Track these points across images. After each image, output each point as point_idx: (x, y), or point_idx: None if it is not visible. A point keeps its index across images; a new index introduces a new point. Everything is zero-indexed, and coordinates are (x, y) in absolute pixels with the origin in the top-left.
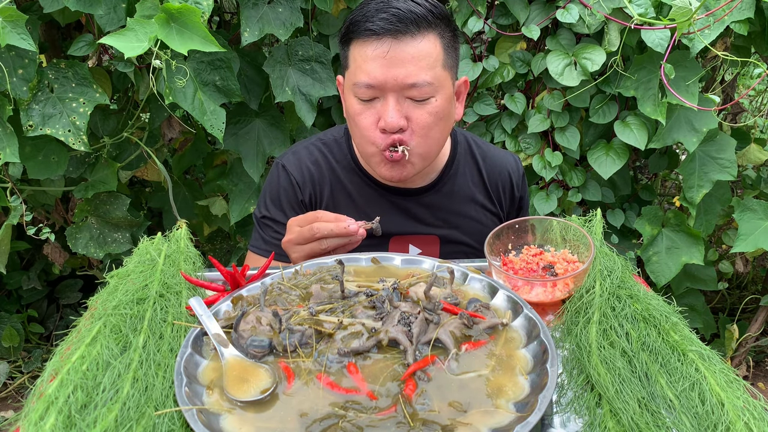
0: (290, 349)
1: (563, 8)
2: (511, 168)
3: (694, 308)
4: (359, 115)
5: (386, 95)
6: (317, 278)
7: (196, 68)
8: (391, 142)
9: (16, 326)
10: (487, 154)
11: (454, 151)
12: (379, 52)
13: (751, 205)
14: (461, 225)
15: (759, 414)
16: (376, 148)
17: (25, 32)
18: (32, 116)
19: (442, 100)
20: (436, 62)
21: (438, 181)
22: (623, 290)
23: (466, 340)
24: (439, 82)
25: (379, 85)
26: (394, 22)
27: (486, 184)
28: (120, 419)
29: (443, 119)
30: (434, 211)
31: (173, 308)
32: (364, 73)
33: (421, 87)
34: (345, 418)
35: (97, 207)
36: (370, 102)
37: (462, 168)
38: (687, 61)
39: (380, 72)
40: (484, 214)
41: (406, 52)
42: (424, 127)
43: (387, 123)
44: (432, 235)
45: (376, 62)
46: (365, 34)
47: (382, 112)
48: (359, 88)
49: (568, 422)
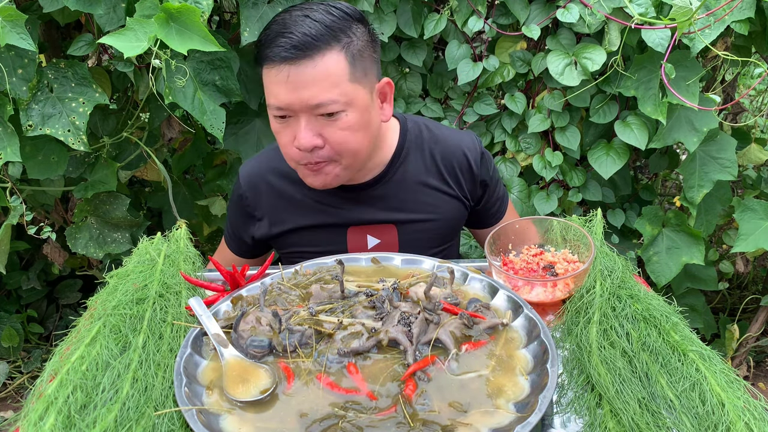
0: (290, 349)
1: (563, 8)
2: (467, 147)
3: (695, 308)
4: (278, 133)
5: (298, 115)
6: (317, 278)
7: (195, 68)
8: (308, 162)
9: (16, 326)
10: (440, 137)
11: (402, 140)
12: (280, 77)
13: (751, 205)
14: (416, 210)
15: (759, 414)
16: (296, 163)
17: (24, 32)
18: (32, 116)
19: (355, 112)
20: (340, 79)
21: (386, 171)
22: (623, 290)
23: (466, 340)
24: (348, 97)
25: (286, 107)
26: (289, 49)
27: (439, 167)
28: (120, 419)
29: (360, 130)
30: (387, 200)
31: (173, 308)
32: (273, 96)
33: (328, 105)
34: (345, 418)
35: (97, 207)
36: (285, 120)
37: (412, 154)
38: (687, 60)
39: (285, 96)
40: (440, 197)
41: (307, 74)
42: (340, 142)
43: (300, 143)
44: (388, 223)
45: (280, 86)
46: (266, 61)
47: (296, 131)
48: (272, 109)
49: (569, 422)
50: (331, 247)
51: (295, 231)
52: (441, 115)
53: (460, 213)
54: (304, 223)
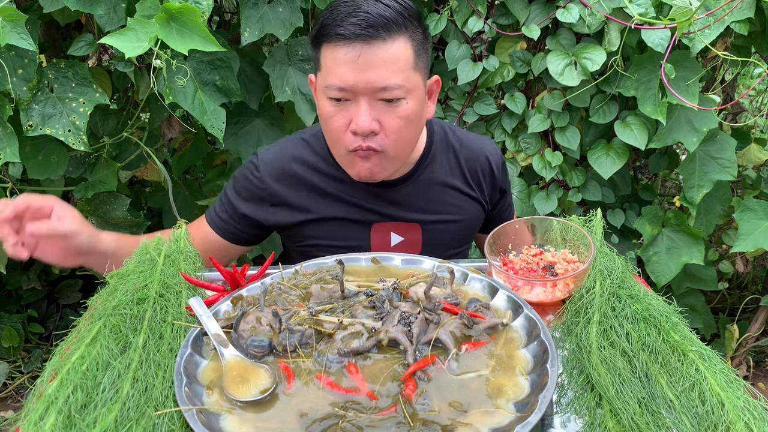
0: (290, 349)
1: (563, 8)
2: (490, 152)
3: (695, 308)
4: (331, 117)
5: (358, 98)
6: (317, 278)
7: (196, 68)
8: (359, 148)
9: (16, 326)
10: (464, 141)
11: (430, 141)
12: (350, 56)
13: (751, 205)
14: (441, 211)
15: (759, 414)
16: (345, 150)
17: (24, 32)
18: (32, 116)
19: (414, 102)
20: (407, 65)
21: (414, 171)
22: (623, 290)
23: (466, 340)
24: (411, 85)
25: (350, 88)
26: (365, 27)
27: (463, 170)
28: (120, 419)
29: (414, 121)
30: (413, 199)
31: (173, 308)
32: (336, 76)
33: (393, 90)
34: (345, 418)
35: (97, 207)
36: (342, 104)
37: (438, 156)
38: (687, 60)
39: (351, 76)
40: (464, 199)
41: (377, 56)
42: (397, 130)
43: (358, 126)
44: (413, 222)
45: (348, 66)
46: (336, 38)
47: (353, 114)
48: (331, 90)
49: (568, 422)
50: (355, 242)
51: (319, 221)
52: (441, 115)
53: (479, 216)
54: (330, 215)
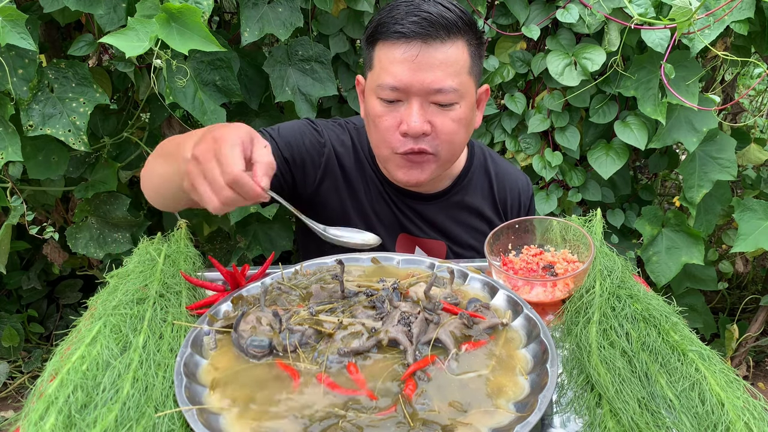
0: (290, 349)
1: (563, 8)
2: (522, 188)
3: (694, 308)
4: (381, 117)
5: (410, 99)
6: (317, 278)
7: (196, 68)
8: (410, 150)
9: (16, 326)
10: (500, 170)
11: (470, 162)
12: (408, 55)
13: (751, 205)
14: (467, 235)
15: (759, 414)
16: (392, 151)
17: (25, 32)
18: (32, 116)
19: (466, 107)
20: (462, 69)
21: (450, 189)
22: (623, 290)
23: (466, 340)
24: (464, 89)
25: (404, 88)
26: (426, 26)
27: (495, 199)
28: (120, 419)
29: (465, 126)
30: (443, 218)
31: (173, 308)
32: (390, 75)
33: (447, 93)
34: (345, 418)
35: (97, 207)
36: (393, 104)
37: (475, 180)
38: (687, 61)
39: (407, 75)
40: (489, 228)
41: (435, 57)
42: (448, 133)
43: (410, 127)
44: (440, 240)
45: (404, 65)
46: (394, 36)
47: (405, 115)
48: (383, 90)
49: (568, 422)
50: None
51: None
52: None
53: None
54: (362, 210)
